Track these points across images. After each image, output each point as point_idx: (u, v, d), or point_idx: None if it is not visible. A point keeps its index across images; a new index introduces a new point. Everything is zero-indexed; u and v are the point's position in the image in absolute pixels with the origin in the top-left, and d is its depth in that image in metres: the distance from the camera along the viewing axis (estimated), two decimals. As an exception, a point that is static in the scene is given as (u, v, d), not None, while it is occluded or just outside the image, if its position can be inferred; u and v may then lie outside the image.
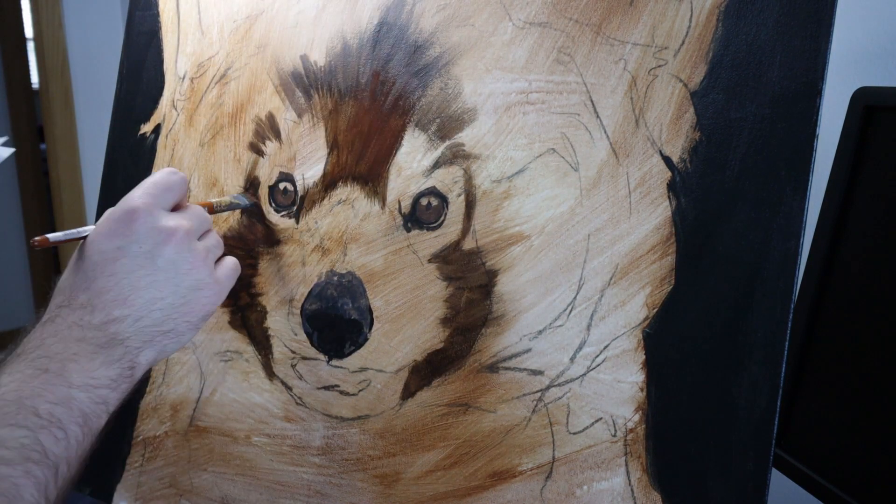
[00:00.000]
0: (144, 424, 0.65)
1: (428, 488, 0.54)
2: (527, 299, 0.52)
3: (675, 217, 0.48)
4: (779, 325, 0.45)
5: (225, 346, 0.62)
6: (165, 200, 0.49)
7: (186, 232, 0.48)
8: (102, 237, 0.46)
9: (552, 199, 0.51)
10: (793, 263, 0.45)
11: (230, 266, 0.52)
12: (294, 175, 0.59)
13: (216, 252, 0.51)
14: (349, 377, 0.57)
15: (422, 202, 0.55)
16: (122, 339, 0.44)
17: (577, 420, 0.50)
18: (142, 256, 0.46)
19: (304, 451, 0.58)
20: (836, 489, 0.58)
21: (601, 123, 0.50)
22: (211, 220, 0.53)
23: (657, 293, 0.49)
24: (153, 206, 0.47)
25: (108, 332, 0.44)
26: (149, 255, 0.46)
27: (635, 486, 0.48)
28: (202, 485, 0.62)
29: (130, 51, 0.70)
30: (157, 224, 0.47)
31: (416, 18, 0.56)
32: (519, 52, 0.53)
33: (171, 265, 0.47)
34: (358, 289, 0.56)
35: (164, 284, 0.46)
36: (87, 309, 0.44)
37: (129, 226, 0.46)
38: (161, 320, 0.46)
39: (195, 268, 0.48)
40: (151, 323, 0.46)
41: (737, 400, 0.46)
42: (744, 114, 0.47)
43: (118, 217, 0.47)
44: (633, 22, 0.50)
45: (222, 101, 0.64)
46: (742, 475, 0.45)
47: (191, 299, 0.48)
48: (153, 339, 0.46)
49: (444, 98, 0.55)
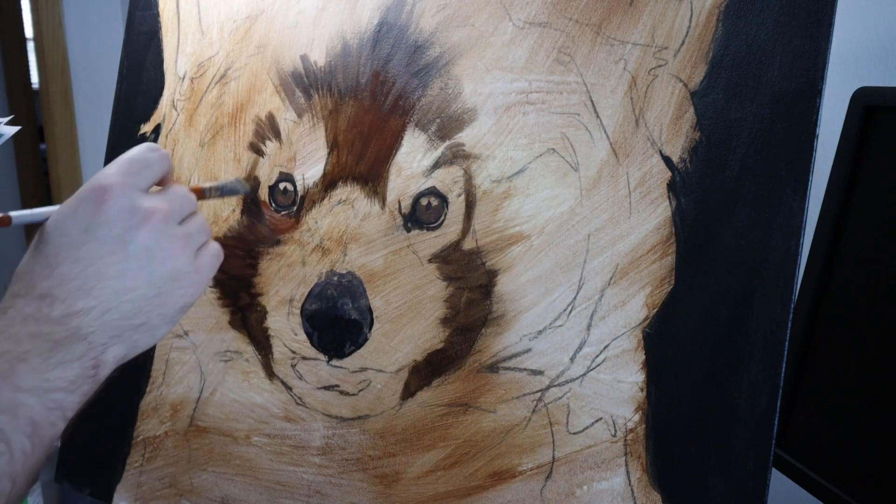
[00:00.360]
0: (144, 424, 0.65)
1: (428, 488, 0.54)
2: (527, 299, 0.52)
3: (675, 217, 0.48)
4: (779, 325, 0.45)
5: (225, 346, 0.62)
6: (142, 179, 0.43)
7: (165, 215, 0.43)
8: (68, 218, 0.41)
9: (552, 199, 0.51)
10: (793, 263, 0.45)
11: (212, 253, 0.47)
12: (294, 175, 0.59)
13: (199, 238, 0.46)
14: (349, 377, 0.57)
15: (422, 202, 0.55)
16: (84, 335, 0.40)
17: (577, 420, 0.50)
18: (112, 241, 0.41)
19: (304, 451, 0.58)
20: (836, 489, 0.58)
21: (601, 123, 0.50)
22: (195, 202, 0.47)
23: (657, 293, 0.49)
24: (127, 185, 0.42)
25: (68, 326, 0.39)
26: (120, 240, 0.41)
27: (635, 486, 0.48)
28: (202, 485, 0.62)
29: (130, 51, 0.70)
30: (130, 205, 0.41)
31: (416, 18, 0.56)
32: (519, 52, 0.53)
33: (145, 252, 0.42)
34: (358, 289, 0.56)
35: (137, 273, 0.41)
36: (46, 300, 0.39)
37: (99, 206, 0.41)
38: (132, 313, 0.41)
39: (172, 255, 0.43)
40: (120, 316, 0.41)
41: (737, 400, 0.46)
42: (744, 114, 0.47)
43: (86, 196, 0.41)
44: (633, 22, 0.50)
45: (222, 101, 0.64)
46: (742, 475, 0.45)
47: (166, 290, 0.43)
48: (122, 333, 0.41)
49: (444, 98, 0.55)
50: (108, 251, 0.41)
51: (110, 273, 0.40)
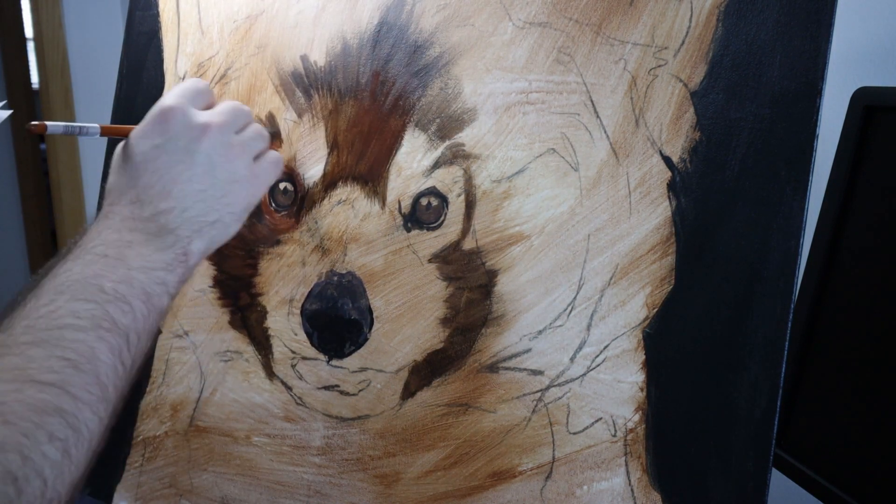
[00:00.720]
0: (144, 424, 0.65)
1: (428, 488, 0.54)
2: (527, 299, 0.52)
3: (675, 217, 0.48)
4: (779, 325, 0.45)
5: (225, 346, 0.62)
6: (196, 101, 0.51)
7: (220, 126, 0.50)
8: (140, 138, 0.48)
9: (552, 199, 0.51)
10: (793, 263, 0.45)
11: (270, 160, 0.53)
12: (294, 175, 0.59)
13: (255, 145, 0.52)
14: (349, 377, 0.57)
15: (422, 202, 0.55)
16: (172, 229, 0.47)
17: (577, 420, 0.50)
18: (180, 152, 0.48)
19: (304, 451, 0.58)
20: (836, 489, 0.58)
21: (601, 123, 0.50)
22: (249, 113, 0.53)
23: (657, 293, 0.49)
24: (185, 105, 0.49)
25: (158, 222, 0.46)
26: (186, 151, 0.48)
27: (635, 486, 0.48)
28: (202, 485, 0.62)
29: (130, 51, 0.70)
30: (190, 121, 0.49)
31: (416, 18, 0.56)
32: (519, 52, 0.53)
33: (207, 159, 0.48)
34: (358, 289, 0.56)
35: (203, 177, 0.48)
36: (136, 204, 0.47)
37: (164, 125, 0.48)
38: (205, 211, 0.48)
39: (230, 161, 0.50)
40: (197, 214, 0.48)
41: (737, 400, 0.46)
42: (744, 114, 0.47)
43: (153, 118, 0.49)
44: (633, 22, 0.50)
45: (222, 101, 0.64)
46: (742, 475, 0.45)
47: (230, 191, 0.49)
48: (201, 229, 0.48)
49: (444, 98, 0.55)
50: (177, 160, 0.48)
51: (182, 178, 0.48)
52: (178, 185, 0.47)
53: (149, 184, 0.47)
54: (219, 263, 0.63)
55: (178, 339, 0.64)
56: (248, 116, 0.53)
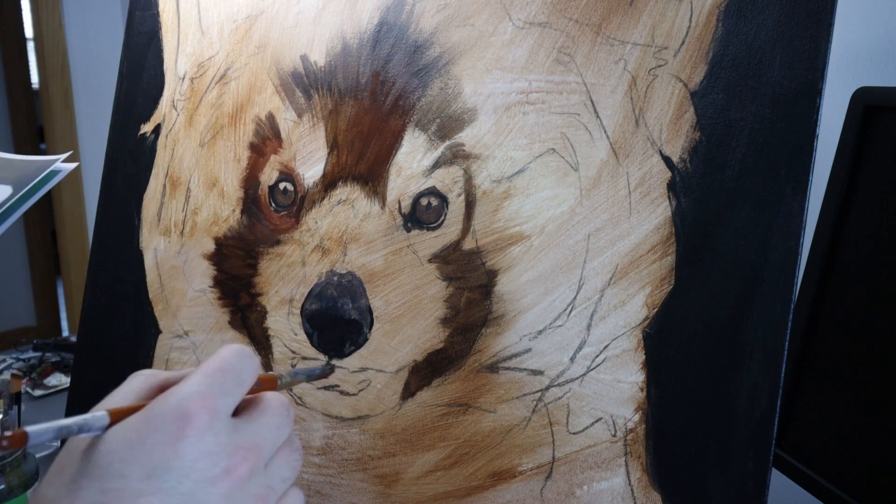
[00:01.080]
0: (144, 424, 0.65)
1: (428, 488, 0.54)
2: (527, 299, 0.52)
3: (675, 217, 0.48)
4: (779, 325, 0.45)
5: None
6: (233, 399, 0.33)
7: (253, 465, 0.32)
8: (129, 450, 0.30)
9: (552, 199, 0.52)
10: (793, 263, 0.45)
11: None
12: (294, 175, 0.59)
13: (281, 487, 0.35)
14: (349, 377, 0.57)
15: (422, 202, 0.55)
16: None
17: (577, 420, 0.50)
18: (178, 497, 0.30)
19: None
20: (836, 489, 0.58)
21: (601, 123, 0.50)
22: (291, 422, 0.36)
23: (657, 293, 0.49)
24: (216, 413, 0.31)
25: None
26: (189, 498, 0.30)
27: (635, 486, 0.48)
28: (202, 485, 0.62)
29: (130, 51, 0.70)
30: (215, 445, 0.31)
31: (416, 18, 0.56)
32: (519, 52, 0.53)
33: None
34: (358, 289, 0.56)
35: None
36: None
37: (175, 443, 0.30)
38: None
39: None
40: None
41: (737, 400, 0.46)
42: (744, 114, 0.47)
43: (161, 421, 0.30)
44: (633, 22, 0.50)
45: (222, 101, 0.64)
46: (742, 475, 0.45)
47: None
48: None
49: (444, 98, 0.55)
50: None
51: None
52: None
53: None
54: (219, 263, 0.63)
55: (178, 339, 0.64)
56: (287, 429, 0.36)
